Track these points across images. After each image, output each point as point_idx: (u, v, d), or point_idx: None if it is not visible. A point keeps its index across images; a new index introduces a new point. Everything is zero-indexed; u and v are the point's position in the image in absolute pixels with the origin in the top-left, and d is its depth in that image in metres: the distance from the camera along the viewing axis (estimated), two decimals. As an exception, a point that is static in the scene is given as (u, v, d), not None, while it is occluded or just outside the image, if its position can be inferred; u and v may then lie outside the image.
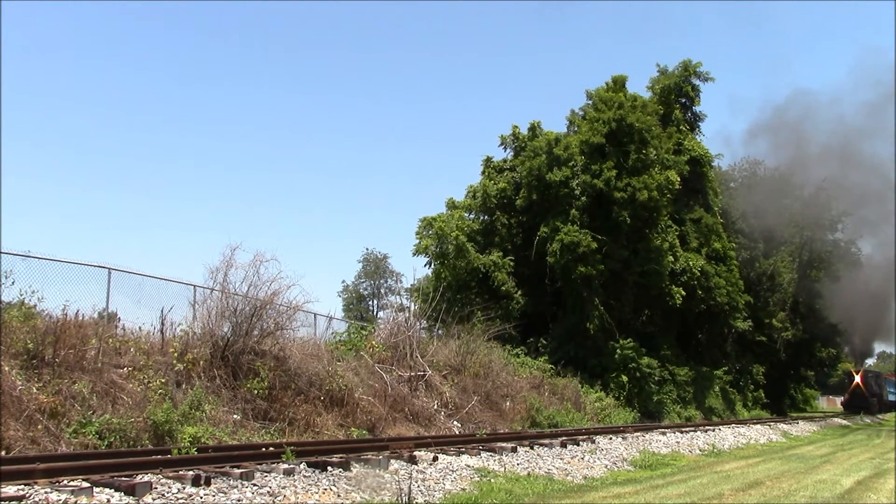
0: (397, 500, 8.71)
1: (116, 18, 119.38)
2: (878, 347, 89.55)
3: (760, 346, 48.64)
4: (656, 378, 30.12)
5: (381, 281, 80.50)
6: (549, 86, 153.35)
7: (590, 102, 34.16)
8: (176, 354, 12.99)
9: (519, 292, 30.16)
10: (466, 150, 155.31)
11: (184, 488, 7.75)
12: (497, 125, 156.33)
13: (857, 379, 59.15)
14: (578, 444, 16.01)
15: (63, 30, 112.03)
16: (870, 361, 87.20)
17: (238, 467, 8.89)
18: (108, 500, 7.01)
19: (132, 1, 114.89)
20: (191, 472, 8.14)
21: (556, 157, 30.01)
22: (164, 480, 7.88)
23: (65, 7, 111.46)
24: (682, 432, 22.61)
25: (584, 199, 29.35)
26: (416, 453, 11.77)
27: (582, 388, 26.31)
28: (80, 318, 12.19)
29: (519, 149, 33.47)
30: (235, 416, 12.80)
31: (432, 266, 30.95)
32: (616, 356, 28.65)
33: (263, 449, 10.67)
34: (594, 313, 28.59)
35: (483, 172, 34.15)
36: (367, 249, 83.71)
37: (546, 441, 15.56)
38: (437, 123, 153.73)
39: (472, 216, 33.07)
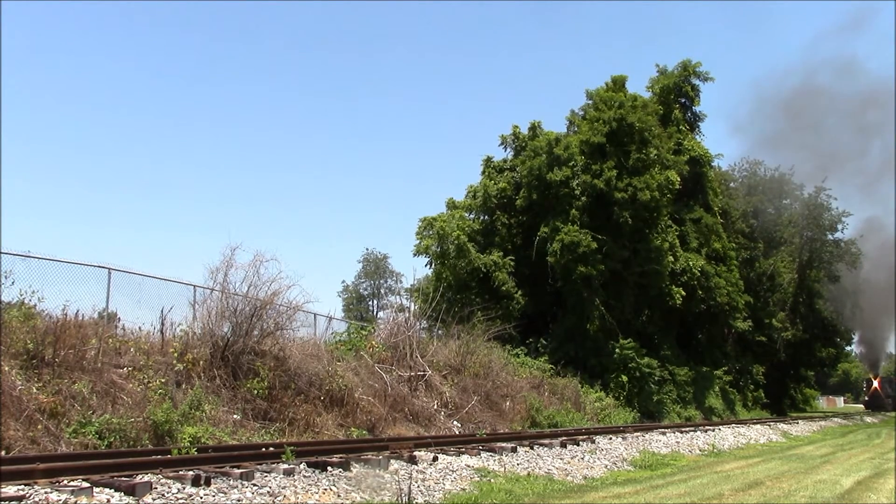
0: (397, 500, 8.70)
1: (117, 19, 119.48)
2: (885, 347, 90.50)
3: (760, 346, 48.63)
4: (656, 378, 30.13)
5: (381, 281, 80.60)
6: (549, 86, 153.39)
7: (590, 102, 34.14)
8: (176, 354, 13.00)
9: (519, 292, 30.14)
10: (466, 150, 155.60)
11: (184, 488, 7.74)
12: (497, 125, 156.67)
13: (876, 384, 73.43)
14: (578, 444, 16.00)
15: (63, 30, 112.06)
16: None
17: (238, 467, 8.89)
18: (108, 500, 7.00)
19: (133, 1, 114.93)
20: (191, 472, 8.13)
21: (556, 156, 30.00)
22: (164, 480, 7.88)
23: (65, 7, 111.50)
24: (681, 432, 22.60)
25: (584, 199, 29.34)
26: (416, 453, 11.75)
27: (582, 388, 26.31)
28: (80, 318, 12.21)
29: (519, 149, 33.45)
30: (235, 416, 12.80)
31: (432, 266, 30.96)
32: (616, 356, 28.67)
33: (263, 449, 10.66)
34: (594, 313, 28.59)
35: (483, 172, 34.13)
36: (367, 249, 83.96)
37: (546, 441, 15.55)
38: (437, 123, 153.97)
39: (472, 216, 33.02)
